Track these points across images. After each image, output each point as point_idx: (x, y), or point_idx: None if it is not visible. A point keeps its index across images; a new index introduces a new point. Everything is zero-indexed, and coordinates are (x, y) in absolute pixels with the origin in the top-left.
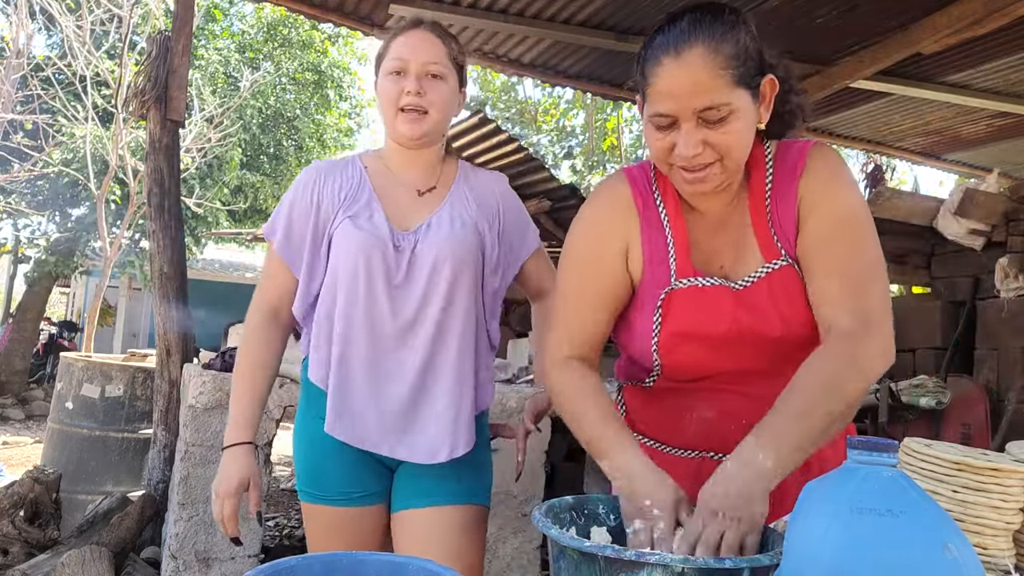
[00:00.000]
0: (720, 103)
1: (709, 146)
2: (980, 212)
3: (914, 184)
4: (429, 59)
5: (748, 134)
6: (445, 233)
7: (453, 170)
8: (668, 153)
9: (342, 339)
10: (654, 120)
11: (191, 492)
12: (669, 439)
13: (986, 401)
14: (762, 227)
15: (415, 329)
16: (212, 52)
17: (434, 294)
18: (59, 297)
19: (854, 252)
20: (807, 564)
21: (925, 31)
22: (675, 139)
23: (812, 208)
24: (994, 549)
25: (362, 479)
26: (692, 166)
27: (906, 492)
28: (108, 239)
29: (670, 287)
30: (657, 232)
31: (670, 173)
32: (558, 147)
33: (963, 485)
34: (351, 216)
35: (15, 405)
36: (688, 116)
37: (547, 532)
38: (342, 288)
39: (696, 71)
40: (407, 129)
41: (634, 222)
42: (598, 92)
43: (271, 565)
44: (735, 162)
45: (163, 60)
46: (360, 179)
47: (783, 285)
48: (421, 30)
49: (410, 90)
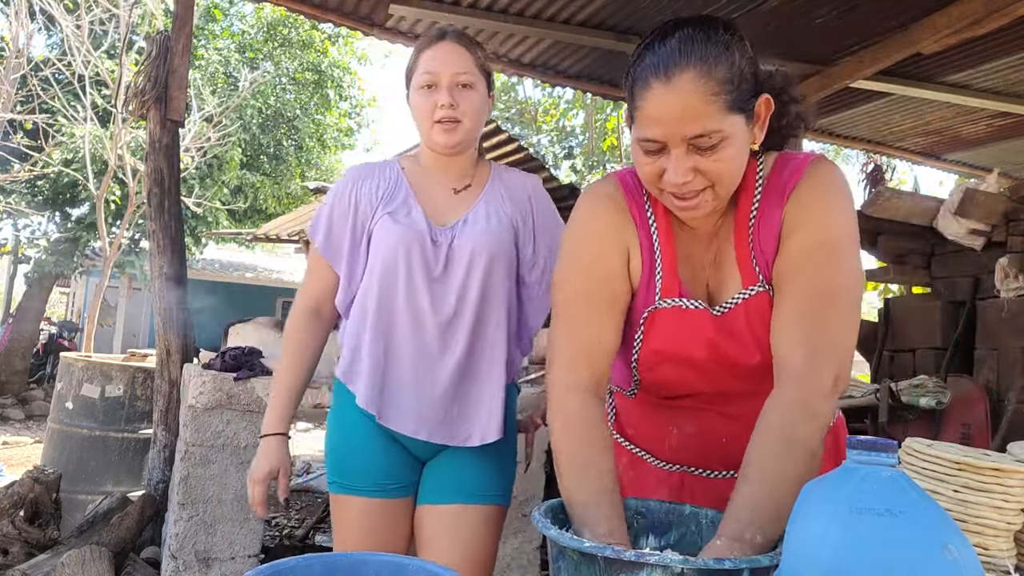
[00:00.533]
0: (712, 130)
1: (700, 173)
2: (980, 212)
3: (914, 184)
4: (458, 70)
5: (741, 159)
6: (481, 228)
7: (487, 171)
8: (658, 178)
9: (381, 330)
10: (643, 145)
11: (191, 492)
12: (653, 450)
13: (986, 401)
14: (743, 250)
15: (454, 321)
16: (212, 52)
17: (472, 287)
18: (59, 297)
19: (820, 276)
20: (807, 564)
21: (925, 31)
22: (664, 164)
23: (791, 231)
24: (995, 549)
25: (395, 470)
26: (682, 193)
27: (906, 492)
28: (108, 239)
29: (654, 306)
30: (648, 245)
31: (660, 197)
32: (558, 147)
33: (964, 485)
34: (390, 212)
35: (15, 405)
36: (677, 143)
37: (547, 533)
38: (381, 281)
39: (687, 97)
40: (443, 139)
41: (631, 229)
42: (598, 92)
43: (271, 565)
44: (727, 188)
45: (163, 60)
46: (397, 179)
47: (759, 312)
48: (448, 42)
49: (443, 103)
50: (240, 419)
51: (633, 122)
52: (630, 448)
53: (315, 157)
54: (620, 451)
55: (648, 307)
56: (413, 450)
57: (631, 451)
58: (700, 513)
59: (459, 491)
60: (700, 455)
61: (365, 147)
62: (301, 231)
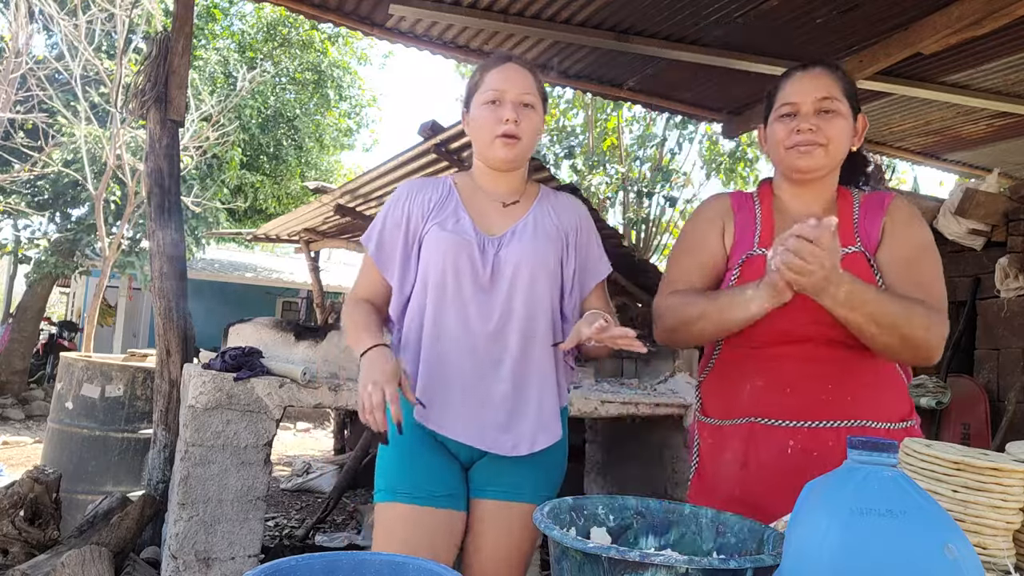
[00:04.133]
0: (834, 96)
1: (820, 130)
2: (980, 212)
3: (914, 184)
4: (523, 90)
5: (847, 137)
6: (528, 239)
7: (536, 189)
8: (789, 134)
9: (432, 337)
10: (782, 109)
11: (191, 492)
12: (728, 414)
13: (986, 401)
14: (846, 224)
15: (504, 328)
16: (212, 52)
17: (517, 296)
18: (59, 297)
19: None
20: (807, 564)
21: (925, 31)
22: (796, 123)
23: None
24: (994, 549)
25: (444, 478)
26: (806, 140)
27: (906, 492)
28: (108, 239)
29: (751, 251)
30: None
31: (784, 156)
32: (558, 147)
33: (963, 485)
34: (439, 222)
35: (15, 405)
36: (809, 104)
37: (550, 533)
38: (432, 289)
39: (819, 77)
40: (504, 153)
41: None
42: (598, 92)
43: (271, 565)
44: (835, 152)
45: (163, 60)
46: (449, 191)
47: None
48: (514, 63)
49: (509, 118)
50: (240, 419)
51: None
52: (711, 422)
53: (315, 157)
54: (704, 428)
55: (745, 252)
56: (460, 456)
57: (711, 424)
58: (700, 513)
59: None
60: (769, 406)
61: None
62: (301, 231)
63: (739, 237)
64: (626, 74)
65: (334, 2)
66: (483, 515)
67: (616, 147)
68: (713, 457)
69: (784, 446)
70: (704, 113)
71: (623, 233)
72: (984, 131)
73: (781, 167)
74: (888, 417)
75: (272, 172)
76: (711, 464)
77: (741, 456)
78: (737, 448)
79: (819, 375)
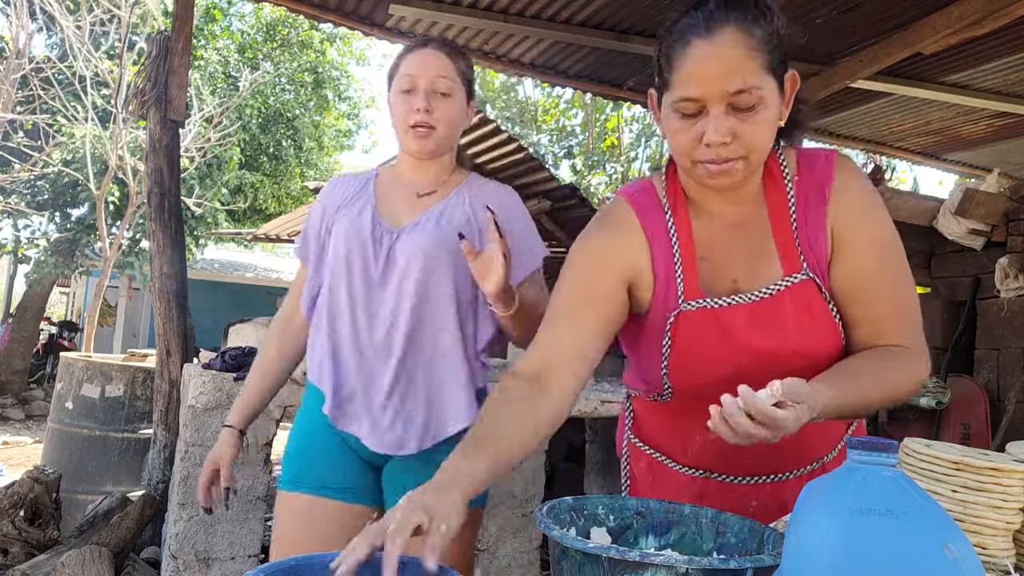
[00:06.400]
0: (752, 86)
1: (737, 139)
2: (980, 212)
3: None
4: (438, 75)
5: (772, 128)
6: (428, 231)
7: (461, 179)
8: (694, 145)
9: (331, 330)
10: (680, 107)
11: (191, 492)
12: (674, 455)
13: (986, 401)
14: (785, 239)
15: (393, 323)
16: (212, 52)
17: (408, 289)
18: (59, 297)
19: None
20: (807, 564)
21: (925, 31)
22: (702, 127)
23: (852, 234)
24: (994, 549)
25: (344, 471)
26: (718, 158)
27: (906, 492)
28: (108, 239)
29: (678, 309)
30: (666, 253)
31: (692, 170)
32: (558, 147)
33: (963, 485)
34: (344, 215)
35: (15, 405)
36: (717, 99)
37: (550, 533)
38: (329, 284)
39: (728, 51)
40: (416, 145)
41: (643, 249)
42: (598, 92)
43: (271, 565)
44: (759, 156)
45: (163, 60)
46: (366, 184)
47: (804, 299)
48: (430, 48)
49: (419, 107)
50: None
51: (667, 89)
52: (649, 452)
53: (315, 158)
54: (639, 455)
55: (672, 311)
56: (363, 455)
57: (651, 455)
58: (700, 513)
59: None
60: (724, 460)
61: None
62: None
63: (661, 285)
64: (626, 74)
65: (334, 2)
66: None
67: (616, 147)
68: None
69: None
70: None
71: None
72: (984, 131)
73: (688, 174)
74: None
75: (272, 172)
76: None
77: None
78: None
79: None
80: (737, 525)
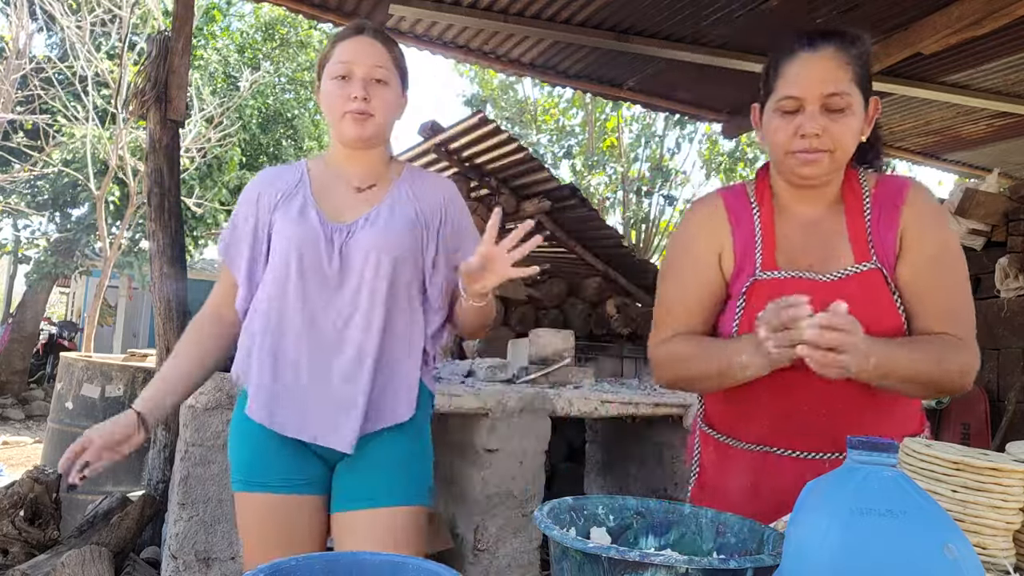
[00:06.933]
0: (843, 91)
1: (827, 134)
2: (980, 212)
3: None
4: (374, 64)
5: (856, 134)
6: (381, 227)
7: (397, 171)
8: (791, 138)
9: (273, 330)
10: (783, 104)
11: (191, 492)
12: (739, 434)
13: (986, 401)
14: (858, 234)
15: (346, 321)
16: (212, 52)
17: (367, 287)
18: (59, 297)
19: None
20: (807, 564)
21: (925, 31)
22: (800, 122)
23: (920, 235)
24: (994, 549)
25: (300, 465)
26: (810, 147)
27: (906, 492)
28: (108, 239)
29: (753, 278)
30: (748, 235)
31: (785, 160)
32: (557, 147)
33: (963, 485)
34: (286, 213)
35: (15, 405)
36: (814, 99)
37: (550, 534)
38: (275, 281)
39: (827, 62)
40: (353, 131)
41: (726, 233)
42: (598, 92)
43: (271, 565)
44: (843, 155)
45: (163, 60)
46: (300, 180)
47: (871, 286)
48: (366, 36)
49: (356, 95)
50: None
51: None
52: (717, 437)
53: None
54: (708, 441)
55: (748, 280)
56: (318, 451)
57: (717, 439)
58: (700, 513)
59: (368, 496)
60: (785, 435)
61: None
62: None
63: (740, 261)
64: (626, 74)
65: (334, 2)
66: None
67: (615, 147)
68: (719, 474)
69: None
70: (704, 113)
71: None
72: (984, 131)
73: (780, 169)
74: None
75: None
76: (716, 480)
77: (751, 482)
78: (747, 473)
79: (837, 406)
80: (737, 525)
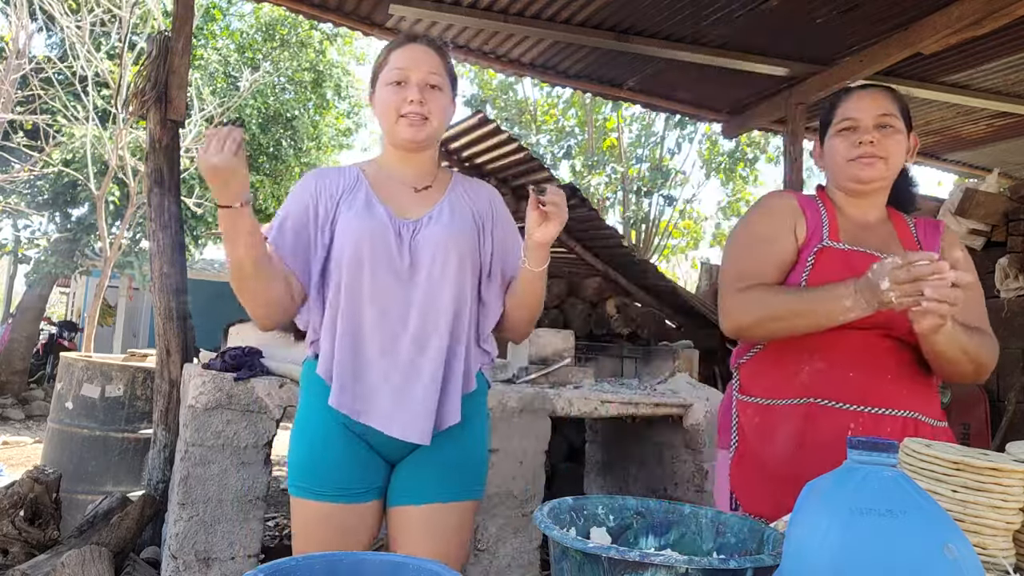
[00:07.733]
0: (892, 113)
1: (880, 143)
2: (980, 212)
3: None
4: (429, 70)
5: (903, 152)
6: (446, 223)
7: (448, 175)
8: (850, 149)
9: (350, 328)
10: (842, 124)
11: (191, 492)
12: (780, 393)
13: (986, 401)
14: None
15: (421, 316)
16: (212, 52)
17: (437, 281)
18: (59, 297)
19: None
20: (807, 564)
21: (925, 31)
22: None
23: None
24: (994, 549)
25: (362, 474)
26: (868, 153)
27: (906, 492)
28: (108, 239)
29: (821, 243)
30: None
31: (845, 168)
32: (557, 147)
33: (963, 485)
34: (351, 206)
35: (15, 405)
36: (869, 120)
37: (550, 534)
38: (347, 276)
39: (878, 97)
40: (409, 133)
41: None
42: (598, 92)
43: (271, 565)
44: (894, 166)
45: (163, 60)
46: (357, 180)
47: None
48: (420, 43)
49: (413, 99)
50: (240, 419)
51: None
52: (756, 401)
53: (313, 158)
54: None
55: (816, 246)
56: (383, 452)
57: (757, 403)
58: (700, 513)
59: (433, 491)
60: (830, 387)
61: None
62: None
63: (811, 232)
64: (626, 74)
65: (334, 2)
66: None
67: (615, 147)
68: (761, 436)
69: (844, 428)
70: (704, 113)
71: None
72: (984, 131)
73: (840, 178)
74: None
75: (272, 172)
76: (758, 443)
77: (797, 436)
78: (792, 428)
79: (879, 363)
80: (737, 525)
